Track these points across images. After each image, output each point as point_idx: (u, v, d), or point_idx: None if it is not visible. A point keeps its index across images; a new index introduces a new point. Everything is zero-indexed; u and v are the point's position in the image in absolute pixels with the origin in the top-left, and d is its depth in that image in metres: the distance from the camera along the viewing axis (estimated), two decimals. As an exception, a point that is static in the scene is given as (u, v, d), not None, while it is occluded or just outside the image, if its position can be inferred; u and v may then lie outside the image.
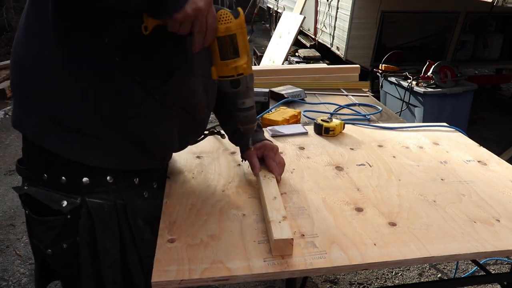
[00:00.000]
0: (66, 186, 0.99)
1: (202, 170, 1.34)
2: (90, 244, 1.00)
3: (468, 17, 4.72)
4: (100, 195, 1.00)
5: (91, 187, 0.99)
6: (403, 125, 1.82)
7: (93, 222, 0.99)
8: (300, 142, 1.59)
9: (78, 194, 0.99)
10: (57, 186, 0.99)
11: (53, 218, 1.00)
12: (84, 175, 0.98)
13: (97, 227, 0.99)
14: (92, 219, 0.99)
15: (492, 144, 4.00)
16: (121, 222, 1.02)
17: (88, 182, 0.99)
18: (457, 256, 0.99)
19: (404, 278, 2.37)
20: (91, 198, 0.99)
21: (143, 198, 1.07)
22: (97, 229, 0.99)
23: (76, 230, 1.00)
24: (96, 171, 0.99)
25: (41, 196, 1.00)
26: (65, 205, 0.98)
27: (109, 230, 1.01)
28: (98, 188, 0.99)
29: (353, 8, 4.40)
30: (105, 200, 1.00)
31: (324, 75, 2.61)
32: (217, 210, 1.12)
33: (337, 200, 1.18)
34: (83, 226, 0.99)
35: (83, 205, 0.99)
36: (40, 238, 1.04)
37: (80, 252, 1.00)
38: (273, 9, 8.15)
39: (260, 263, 0.92)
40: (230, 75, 0.96)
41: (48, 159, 0.98)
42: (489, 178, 1.35)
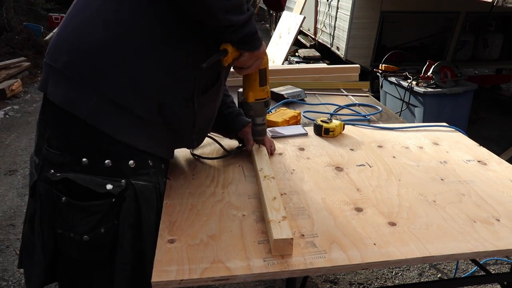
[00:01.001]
0: (109, 169, 1.01)
1: (202, 170, 1.34)
2: (132, 226, 1.03)
3: (468, 17, 4.72)
4: (144, 177, 1.06)
5: (136, 170, 1.04)
6: (403, 125, 1.82)
7: (139, 203, 1.03)
8: (300, 143, 1.59)
9: (121, 177, 1.02)
10: (98, 171, 1.00)
11: (99, 202, 1.00)
12: (131, 158, 1.03)
13: (143, 207, 1.04)
14: (138, 200, 1.03)
15: (492, 144, 4.01)
16: (158, 205, 1.10)
17: (134, 164, 1.04)
18: (457, 256, 0.99)
19: (404, 278, 2.37)
20: (137, 180, 1.04)
21: (164, 182, 1.18)
22: (143, 209, 1.04)
23: (117, 213, 1.02)
24: (142, 154, 1.05)
25: (83, 180, 0.99)
26: (110, 188, 1.00)
27: (152, 209, 1.07)
28: (142, 171, 1.06)
29: (353, 8, 4.40)
30: (149, 182, 1.06)
31: (324, 75, 2.61)
32: (217, 210, 1.12)
33: (337, 201, 1.18)
34: (128, 208, 1.02)
35: (129, 187, 1.02)
36: (77, 225, 1.02)
37: (122, 234, 1.02)
38: (273, 9, 8.14)
39: (260, 263, 0.92)
40: (264, 97, 1.30)
41: (93, 141, 1.00)
42: (489, 178, 1.35)
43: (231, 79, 2.51)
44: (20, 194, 3.08)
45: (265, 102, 1.31)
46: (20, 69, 6.01)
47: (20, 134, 4.24)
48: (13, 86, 5.42)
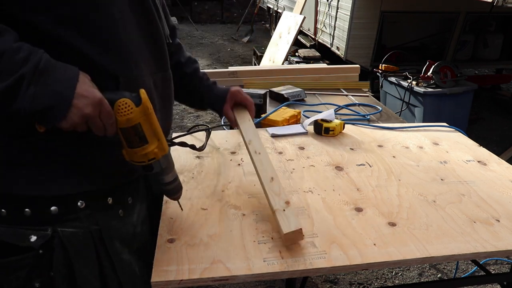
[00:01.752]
0: (31, 218, 0.88)
1: (202, 170, 1.34)
2: (67, 278, 0.90)
3: (468, 17, 4.71)
4: (72, 223, 0.90)
5: (61, 216, 0.89)
6: (403, 125, 1.82)
7: (69, 253, 0.89)
8: (300, 142, 1.59)
9: (47, 224, 0.88)
10: (21, 220, 0.88)
11: (21, 257, 0.87)
12: (51, 204, 0.88)
13: (73, 258, 0.90)
14: (67, 250, 0.89)
15: (492, 144, 4.00)
16: (98, 249, 0.92)
17: (57, 211, 0.89)
18: (457, 256, 0.99)
19: (404, 278, 2.37)
20: (63, 228, 0.89)
21: (119, 218, 0.97)
22: (73, 260, 0.90)
23: (50, 265, 0.89)
24: (63, 197, 0.89)
25: (3, 234, 0.87)
26: (34, 239, 0.87)
27: (86, 259, 0.91)
28: (69, 216, 0.90)
29: (353, 8, 4.40)
30: (78, 228, 0.90)
31: (324, 75, 2.61)
32: (217, 210, 1.12)
33: (337, 200, 1.18)
34: (58, 259, 0.89)
35: (55, 236, 0.88)
36: (6, 282, 0.89)
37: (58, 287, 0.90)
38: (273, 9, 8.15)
39: (260, 263, 0.92)
40: (141, 161, 0.90)
41: (4, 195, 0.87)
42: (489, 178, 1.35)
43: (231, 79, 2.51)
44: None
45: (143, 167, 0.91)
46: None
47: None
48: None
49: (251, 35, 9.42)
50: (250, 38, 9.32)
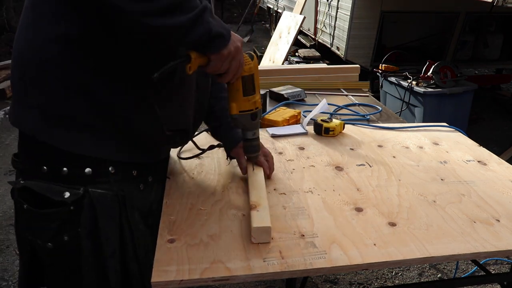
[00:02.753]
0: (67, 177, 0.98)
1: (202, 170, 1.34)
2: (92, 234, 1.00)
3: (468, 17, 4.72)
4: (103, 185, 1.01)
5: (93, 178, 1.00)
6: (403, 125, 1.82)
7: (96, 212, 0.99)
8: (300, 142, 1.59)
9: (80, 184, 0.99)
10: (58, 178, 0.98)
11: (55, 210, 0.99)
12: (87, 166, 0.99)
13: (99, 216, 1.00)
14: (95, 209, 0.99)
15: (492, 144, 4.00)
16: (121, 213, 1.03)
17: (90, 172, 0.99)
18: (457, 256, 0.99)
19: (404, 278, 2.37)
20: (94, 189, 0.99)
21: (139, 190, 1.08)
22: (99, 218, 1.00)
23: (79, 221, 0.99)
24: (98, 162, 1.00)
25: (41, 188, 0.99)
26: (67, 196, 0.98)
27: (111, 219, 1.01)
28: (100, 179, 1.00)
29: (353, 8, 4.40)
30: (107, 190, 1.01)
31: (324, 75, 2.61)
32: (217, 210, 1.12)
33: (337, 200, 1.18)
34: (86, 217, 0.99)
35: (86, 196, 0.99)
36: (40, 232, 1.02)
37: (82, 242, 1.00)
38: (273, 9, 8.16)
39: (260, 263, 0.92)
40: (250, 109, 1.09)
41: (48, 152, 0.98)
42: (489, 178, 1.35)
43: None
44: (20, 194, 3.08)
45: (251, 115, 1.10)
46: (20, 69, 6.00)
47: (20, 134, 4.23)
48: (13, 86, 5.41)
49: (251, 35, 9.42)
50: (250, 38, 9.32)
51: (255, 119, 1.11)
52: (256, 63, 1.09)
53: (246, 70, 1.05)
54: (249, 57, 1.07)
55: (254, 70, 1.08)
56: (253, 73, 1.07)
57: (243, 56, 1.03)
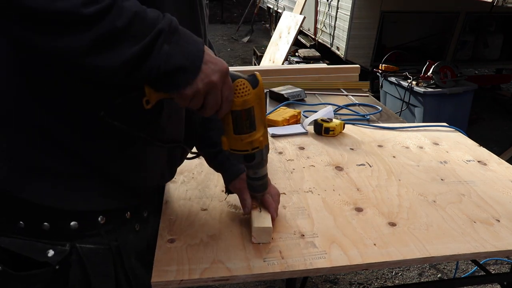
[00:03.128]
0: (49, 233, 0.83)
1: (202, 170, 1.34)
2: None
3: (468, 17, 4.72)
4: (92, 239, 0.86)
5: (80, 232, 0.85)
6: (403, 125, 1.82)
7: (86, 269, 0.85)
8: (300, 142, 1.59)
9: (65, 240, 0.84)
10: (38, 234, 0.83)
11: (38, 272, 0.83)
12: (71, 219, 0.84)
13: (91, 274, 0.86)
14: (85, 266, 0.85)
15: (492, 144, 4.00)
16: (116, 264, 0.89)
17: (77, 226, 0.84)
18: (457, 256, 0.99)
19: (404, 278, 2.37)
20: (83, 244, 0.85)
21: (135, 232, 0.95)
22: (92, 276, 0.86)
23: (66, 281, 0.85)
24: (84, 213, 0.85)
25: (19, 247, 0.82)
26: (51, 254, 0.83)
27: (105, 276, 0.88)
28: (89, 232, 0.85)
29: (353, 8, 4.40)
30: (98, 245, 0.86)
31: (324, 75, 2.61)
32: (217, 210, 1.12)
33: (337, 200, 1.18)
34: (75, 275, 0.85)
35: (74, 252, 0.84)
36: None
37: None
38: (273, 9, 8.15)
39: (260, 263, 0.92)
40: (244, 149, 0.85)
41: (23, 206, 0.82)
42: (489, 178, 1.35)
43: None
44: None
45: (245, 156, 0.86)
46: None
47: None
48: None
49: (251, 35, 9.42)
50: (250, 38, 9.32)
51: (251, 161, 0.87)
52: (259, 92, 0.81)
53: (238, 104, 0.79)
54: (251, 83, 0.80)
55: (254, 102, 0.81)
56: (250, 106, 0.80)
57: (237, 86, 0.79)
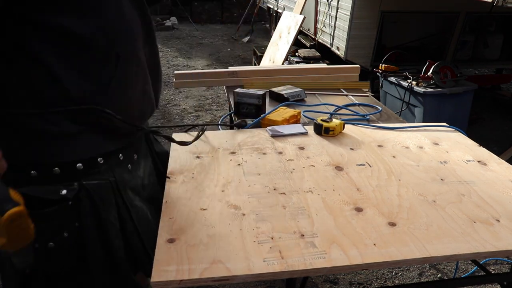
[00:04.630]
0: (59, 176, 1.03)
1: (202, 170, 1.34)
2: (94, 225, 1.07)
3: (468, 17, 4.71)
4: (95, 176, 1.07)
5: (85, 171, 1.06)
6: (403, 125, 1.82)
7: (95, 201, 1.06)
8: (300, 142, 1.59)
9: (74, 180, 1.05)
10: (50, 179, 1.03)
11: (55, 208, 1.02)
12: (77, 162, 1.05)
13: (99, 205, 1.07)
14: (93, 199, 1.06)
15: (492, 144, 4.00)
16: (116, 196, 1.10)
17: (82, 167, 1.06)
18: (457, 256, 0.99)
19: (404, 278, 2.37)
20: (88, 181, 1.06)
21: (128, 171, 1.17)
22: (99, 206, 1.07)
23: (77, 215, 1.05)
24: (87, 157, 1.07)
25: (36, 191, 1.00)
26: (65, 192, 1.03)
27: (109, 205, 1.09)
28: (92, 170, 1.07)
29: (353, 8, 4.39)
30: (100, 180, 1.08)
31: (324, 75, 2.60)
32: (217, 210, 1.12)
33: (337, 200, 1.18)
34: (85, 208, 1.05)
35: (82, 189, 1.05)
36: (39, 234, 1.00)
37: (87, 234, 1.06)
38: (273, 9, 8.15)
39: (260, 263, 0.92)
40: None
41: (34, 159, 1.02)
42: (489, 178, 1.35)
43: (231, 79, 2.51)
44: (20, 194, 3.08)
45: None
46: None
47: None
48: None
49: (251, 35, 9.42)
50: (250, 38, 9.31)
51: None
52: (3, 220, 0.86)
53: None
54: None
55: None
56: None
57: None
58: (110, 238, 1.09)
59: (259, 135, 1.64)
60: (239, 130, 1.70)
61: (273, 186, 1.25)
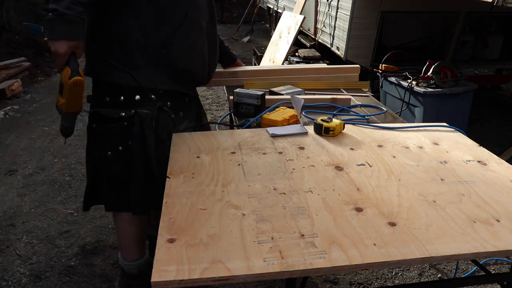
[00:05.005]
0: (123, 103, 1.53)
1: (202, 170, 1.34)
2: (140, 143, 1.52)
3: (468, 17, 4.71)
4: (147, 107, 1.53)
5: (141, 102, 1.54)
6: (403, 125, 1.81)
7: (142, 126, 1.51)
8: (300, 142, 1.59)
9: (132, 107, 1.52)
10: (117, 104, 1.53)
11: (115, 125, 1.51)
12: (137, 94, 1.54)
13: (144, 129, 1.51)
14: (142, 124, 1.51)
15: (492, 144, 3.99)
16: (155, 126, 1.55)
17: (139, 98, 1.54)
18: (457, 256, 0.99)
19: (404, 278, 2.37)
20: (141, 109, 1.51)
21: (171, 118, 1.63)
22: (145, 130, 1.51)
23: (130, 135, 1.51)
24: (145, 91, 1.55)
25: (106, 111, 1.53)
26: (123, 114, 1.51)
27: (150, 129, 1.53)
28: (145, 103, 1.54)
29: (353, 8, 4.39)
30: (149, 111, 1.53)
31: (324, 75, 2.60)
32: (216, 210, 1.12)
33: (337, 200, 1.18)
34: (136, 129, 1.51)
35: (136, 115, 1.51)
36: (102, 144, 1.56)
37: (134, 150, 1.52)
38: (273, 9, 8.15)
39: (260, 263, 0.92)
40: None
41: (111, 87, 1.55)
42: (489, 178, 1.35)
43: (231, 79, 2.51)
44: (20, 194, 3.08)
45: None
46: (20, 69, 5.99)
47: (20, 134, 4.23)
48: (13, 86, 5.40)
49: (251, 35, 9.41)
50: (250, 38, 9.31)
51: None
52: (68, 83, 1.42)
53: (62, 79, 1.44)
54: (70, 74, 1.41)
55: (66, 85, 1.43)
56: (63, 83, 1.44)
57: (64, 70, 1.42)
58: (149, 158, 1.53)
59: (259, 135, 1.64)
60: (239, 130, 1.70)
61: (273, 186, 1.25)
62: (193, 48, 1.64)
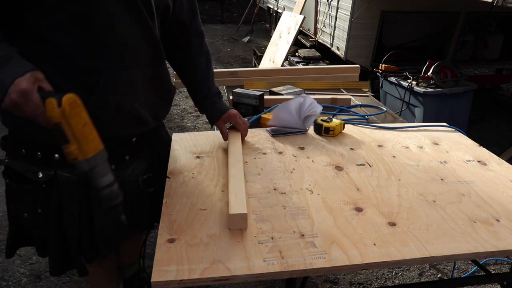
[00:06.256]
0: (41, 160, 1.20)
1: (202, 170, 1.34)
2: (57, 209, 1.22)
3: (468, 17, 4.71)
4: (68, 170, 1.17)
5: (62, 162, 1.15)
6: (403, 125, 1.81)
7: (60, 192, 1.20)
8: (300, 142, 1.59)
9: (52, 167, 1.20)
10: (33, 160, 1.20)
11: (30, 186, 1.21)
12: (56, 152, 1.18)
13: (63, 196, 1.21)
14: (59, 190, 1.20)
15: (492, 144, 3.99)
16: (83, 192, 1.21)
17: (58, 158, 1.18)
18: (457, 256, 0.99)
19: (404, 278, 2.37)
20: (62, 172, 1.19)
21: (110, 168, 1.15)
22: (63, 198, 1.21)
23: (49, 196, 1.21)
24: None
25: (21, 168, 1.22)
26: (40, 176, 1.20)
27: (73, 199, 1.21)
28: (67, 163, 1.05)
29: (353, 8, 4.39)
30: (72, 174, 1.19)
31: (324, 75, 2.60)
32: (217, 210, 1.12)
33: (337, 200, 1.18)
34: (53, 195, 1.21)
35: (56, 177, 1.20)
36: (18, 203, 1.28)
37: (50, 215, 1.23)
38: (273, 9, 8.15)
39: (260, 263, 0.92)
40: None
41: (25, 139, 1.21)
42: (489, 178, 1.35)
43: (231, 79, 2.51)
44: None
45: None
46: None
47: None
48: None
49: (251, 35, 9.41)
50: (250, 38, 9.31)
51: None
52: (63, 111, 0.93)
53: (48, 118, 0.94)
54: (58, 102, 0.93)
55: (60, 119, 0.93)
56: (56, 121, 0.94)
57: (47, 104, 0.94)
58: (66, 226, 1.23)
59: (259, 135, 1.64)
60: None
61: (273, 186, 1.25)
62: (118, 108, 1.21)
